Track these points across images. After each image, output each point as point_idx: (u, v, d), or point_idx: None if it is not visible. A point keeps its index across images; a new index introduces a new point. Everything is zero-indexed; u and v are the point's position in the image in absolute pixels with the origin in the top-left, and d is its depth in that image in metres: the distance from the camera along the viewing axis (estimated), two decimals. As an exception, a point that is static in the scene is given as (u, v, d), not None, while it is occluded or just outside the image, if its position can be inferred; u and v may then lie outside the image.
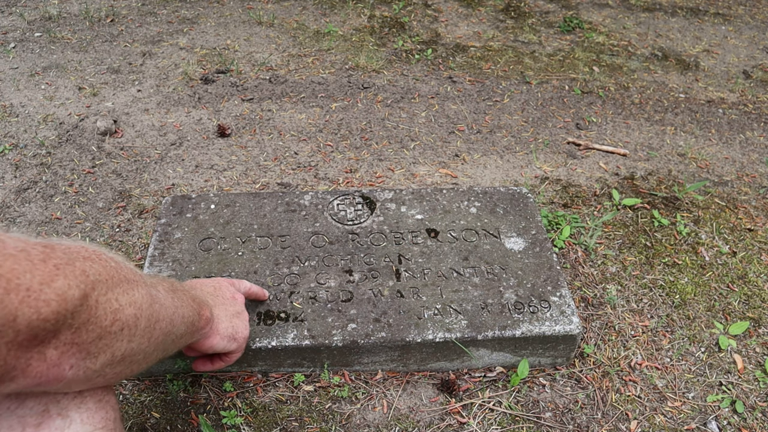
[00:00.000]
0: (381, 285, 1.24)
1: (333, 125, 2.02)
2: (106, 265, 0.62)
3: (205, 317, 0.86)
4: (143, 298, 0.66)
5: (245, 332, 0.99)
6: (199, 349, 0.92)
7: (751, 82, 2.53)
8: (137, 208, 1.61)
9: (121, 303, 0.62)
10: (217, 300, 0.95)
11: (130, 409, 1.13)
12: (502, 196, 1.49)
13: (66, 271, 0.55)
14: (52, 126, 1.90)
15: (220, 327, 0.92)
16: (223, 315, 0.94)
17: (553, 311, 1.21)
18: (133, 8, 2.68)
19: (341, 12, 2.79)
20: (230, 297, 1.00)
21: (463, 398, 1.20)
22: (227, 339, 0.93)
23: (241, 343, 0.98)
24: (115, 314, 0.61)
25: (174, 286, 0.79)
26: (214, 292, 0.97)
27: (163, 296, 0.72)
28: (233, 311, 0.97)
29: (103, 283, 0.60)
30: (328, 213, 1.40)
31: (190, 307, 0.81)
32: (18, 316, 0.50)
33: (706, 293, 1.49)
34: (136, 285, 0.66)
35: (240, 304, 1.01)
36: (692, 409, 1.23)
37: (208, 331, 0.89)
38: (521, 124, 2.11)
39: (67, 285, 0.54)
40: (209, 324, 0.88)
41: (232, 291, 1.02)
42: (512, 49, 2.61)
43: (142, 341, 0.66)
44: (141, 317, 0.65)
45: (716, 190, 1.86)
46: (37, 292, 0.51)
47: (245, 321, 1.00)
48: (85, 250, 0.61)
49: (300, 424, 1.13)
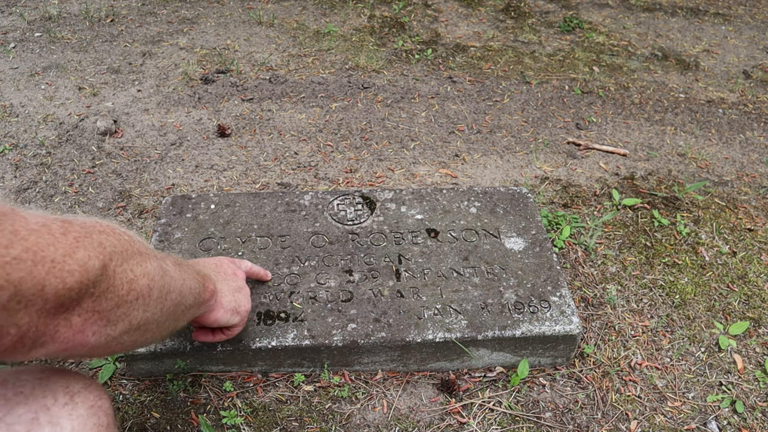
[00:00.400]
0: (381, 285, 1.24)
1: (333, 125, 2.02)
2: (120, 239, 0.65)
3: (209, 290, 0.90)
4: (155, 270, 0.69)
5: (247, 306, 1.01)
6: (204, 323, 0.95)
7: (751, 82, 2.53)
8: (137, 208, 1.61)
9: (136, 274, 0.65)
10: (219, 275, 0.99)
11: (130, 409, 1.13)
12: (502, 196, 1.49)
13: (85, 243, 0.58)
14: (52, 126, 1.90)
15: (224, 300, 0.95)
16: (226, 289, 0.97)
17: (553, 311, 1.21)
18: (133, 8, 2.68)
19: (341, 12, 2.79)
20: (231, 273, 1.03)
21: (463, 398, 1.20)
22: (231, 312, 0.96)
23: (244, 317, 1.01)
24: (131, 284, 0.64)
25: (179, 261, 0.83)
26: (216, 268, 1.01)
27: (171, 269, 0.76)
28: (235, 286, 1.00)
29: (119, 254, 0.63)
30: (328, 213, 1.40)
31: (196, 280, 0.84)
32: (45, 285, 0.53)
33: (706, 293, 1.49)
34: (148, 257, 0.69)
35: (241, 280, 1.04)
36: (692, 409, 1.23)
37: (213, 304, 0.92)
38: (521, 124, 2.11)
39: (87, 256, 0.58)
40: (213, 297, 0.92)
41: (233, 268, 1.05)
42: (512, 49, 2.61)
43: (155, 311, 0.69)
44: (154, 288, 0.68)
45: (716, 190, 1.86)
46: (61, 263, 0.54)
47: (247, 296, 1.02)
48: (100, 225, 0.64)
49: (300, 424, 1.13)
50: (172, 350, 1.12)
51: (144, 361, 1.14)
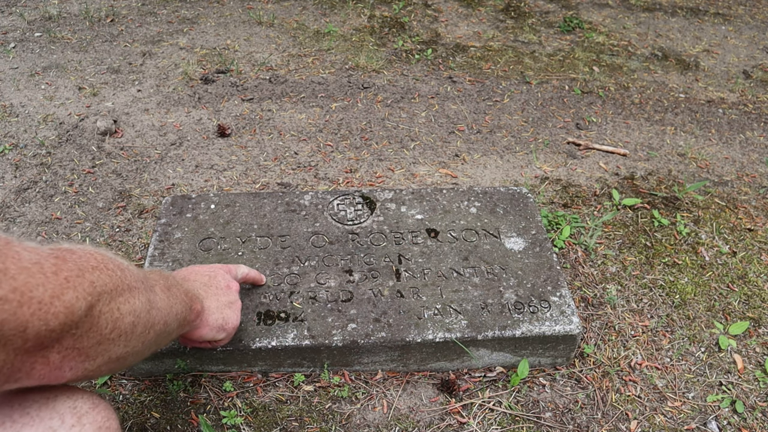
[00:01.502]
0: (381, 285, 1.24)
1: (333, 125, 2.02)
2: (112, 275, 0.64)
3: (195, 311, 0.89)
4: (142, 306, 0.69)
5: (235, 322, 1.01)
6: (189, 338, 0.96)
7: (751, 82, 2.53)
8: (137, 208, 1.61)
9: (122, 312, 0.65)
10: (209, 291, 0.98)
11: (130, 409, 1.13)
12: (502, 196, 1.49)
13: (76, 284, 0.58)
14: (52, 126, 1.90)
15: (210, 318, 0.95)
16: (214, 306, 0.96)
17: (553, 311, 1.21)
18: (133, 8, 2.68)
19: (341, 12, 2.79)
20: (224, 286, 1.01)
21: (463, 398, 1.20)
22: (216, 329, 0.96)
23: (230, 332, 1.01)
24: (115, 323, 0.64)
25: (169, 283, 0.82)
26: (208, 282, 1.00)
27: (159, 298, 0.75)
28: (225, 301, 0.99)
29: (108, 293, 0.63)
30: (328, 213, 1.40)
31: (183, 303, 0.84)
32: (28, 327, 0.53)
33: (706, 293, 1.49)
34: (137, 292, 0.69)
35: (234, 293, 1.03)
36: (692, 409, 1.23)
37: (198, 323, 0.92)
38: (521, 124, 2.11)
39: (76, 297, 0.57)
40: (199, 317, 0.92)
41: (227, 280, 1.03)
42: (512, 49, 2.61)
43: (136, 344, 0.70)
44: (138, 324, 0.68)
45: (716, 190, 1.86)
46: (48, 305, 0.54)
47: (237, 311, 1.01)
48: (94, 259, 0.64)
49: (300, 424, 1.13)
50: (172, 350, 1.12)
51: (144, 361, 1.14)
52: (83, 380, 0.66)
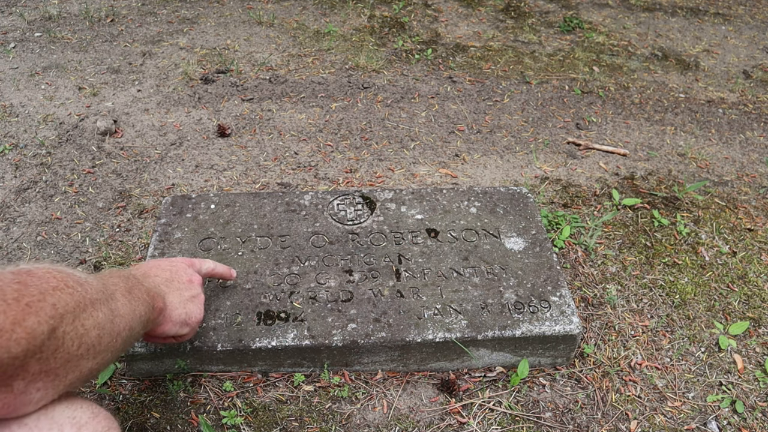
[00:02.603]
0: (381, 285, 1.24)
1: (333, 125, 2.02)
2: (73, 293, 0.64)
3: (158, 308, 0.89)
4: (105, 317, 0.69)
5: (199, 316, 1.00)
6: (152, 335, 0.95)
7: (751, 82, 2.53)
8: (137, 208, 1.61)
9: (86, 327, 0.65)
10: (171, 286, 0.97)
11: (130, 409, 1.13)
12: (502, 196, 1.49)
13: (37, 308, 0.58)
14: (52, 126, 1.90)
15: (173, 314, 0.94)
16: (177, 301, 0.96)
17: (553, 311, 1.21)
18: (133, 8, 2.68)
19: (341, 12, 2.79)
20: (186, 281, 1.00)
21: (463, 398, 1.20)
22: (179, 324, 0.96)
23: (194, 326, 1.00)
24: (81, 339, 0.64)
25: (129, 284, 0.81)
26: (170, 277, 0.98)
27: (121, 305, 0.75)
28: (188, 296, 0.98)
29: (71, 313, 0.63)
30: (328, 213, 1.40)
31: (145, 303, 0.83)
32: None
33: (706, 293, 1.49)
34: (99, 305, 0.68)
35: (196, 286, 1.02)
36: (692, 409, 1.23)
37: (161, 320, 0.92)
38: (521, 124, 2.11)
39: (37, 322, 0.57)
40: (162, 313, 0.91)
41: (189, 273, 1.02)
42: (512, 49, 2.61)
43: (105, 355, 0.70)
44: (104, 335, 0.68)
45: (716, 190, 1.86)
46: (9, 332, 0.54)
47: (200, 304, 1.01)
48: (55, 278, 0.63)
49: (300, 424, 1.13)
50: (172, 350, 1.12)
51: (144, 361, 1.14)
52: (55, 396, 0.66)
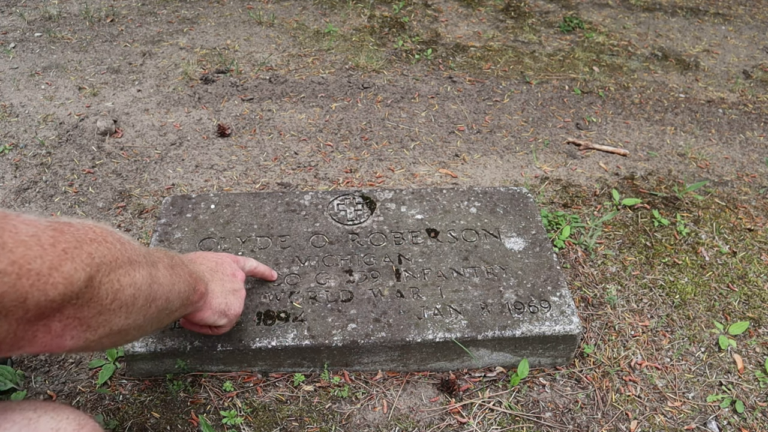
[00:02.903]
0: (381, 285, 1.24)
1: (333, 125, 2.02)
2: (111, 247, 0.65)
3: (199, 292, 0.90)
4: (143, 279, 0.70)
5: (238, 309, 1.01)
6: (191, 320, 0.96)
7: (751, 82, 2.53)
8: (137, 208, 1.61)
9: (122, 284, 0.66)
10: (215, 275, 0.98)
11: (130, 409, 1.13)
12: (502, 196, 1.49)
13: (73, 255, 0.59)
14: (52, 126, 1.90)
15: (214, 302, 0.95)
16: (219, 290, 0.97)
17: (553, 311, 1.21)
18: (133, 8, 2.68)
19: (341, 12, 2.79)
20: (230, 274, 1.02)
21: (463, 398, 1.20)
22: (218, 314, 0.97)
23: (232, 319, 1.01)
24: (116, 294, 0.65)
25: (173, 261, 0.83)
26: (215, 267, 1.00)
27: (162, 274, 0.76)
28: (230, 288, 1.00)
29: (107, 264, 0.64)
30: (328, 213, 1.40)
31: (187, 282, 0.84)
32: (28, 298, 0.54)
33: (706, 293, 1.49)
34: (138, 266, 0.70)
35: (239, 281, 1.03)
36: (692, 409, 1.23)
37: (202, 305, 0.93)
38: (521, 124, 2.11)
39: (74, 269, 0.58)
40: (203, 298, 0.92)
41: (233, 268, 1.04)
42: (512, 49, 2.62)
43: (138, 317, 0.70)
44: (139, 296, 0.69)
45: (716, 190, 1.86)
46: (46, 276, 0.55)
47: (240, 299, 1.02)
48: (93, 231, 0.64)
49: (300, 424, 1.13)
50: (172, 350, 1.12)
51: (144, 361, 1.14)
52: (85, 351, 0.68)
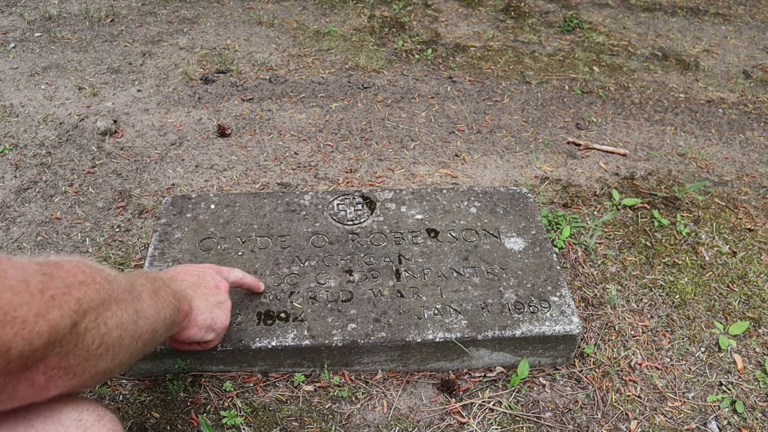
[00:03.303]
0: (381, 285, 1.24)
1: (333, 125, 2.02)
2: (99, 289, 0.64)
3: (184, 311, 0.88)
4: (129, 318, 0.69)
5: (225, 322, 1.00)
6: (177, 340, 0.95)
7: (751, 82, 2.53)
8: (137, 208, 1.61)
9: (109, 326, 0.65)
10: (198, 291, 0.97)
11: (130, 409, 1.13)
12: (502, 196, 1.49)
13: (62, 301, 0.58)
14: (52, 126, 1.90)
15: (199, 318, 0.94)
16: (203, 306, 0.95)
17: (553, 311, 1.21)
18: (133, 8, 2.68)
19: (341, 12, 2.79)
20: (213, 286, 1.00)
21: (463, 398, 1.20)
22: (205, 329, 0.95)
23: (219, 332, 1.00)
24: (102, 338, 0.64)
25: (156, 286, 0.81)
26: (197, 281, 0.98)
27: (147, 305, 0.75)
28: (214, 301, 0.98)
29: (95, 309, 0.62)
30: (328, 213, 1.40)
31: (171, 305, 0.83)
32: (11, 347, 0.52)
33: (706, 293, 1.49)
34: (124, 304, 0.68)
35: (223, 293, 1.01)
36: (692, 409, 1.23)
37: (187, 323, 0.92)
38: (521, 124, 2.11)
39: (60, 316, 0.57)
40: (188, 317, 0.91)
41: (216, 279, 1.02)
42: (512, 49, 2.61)
43: (124, 357, 0.69)
44: (125, 336, 0.68)
45: (716, 190, 1.86)
46: (32, 324, 0.54)
47: (226, 311, 1.00)
48: (83, 273, 0.63)
49: (300, 424, 1.13)
50: (172, 350, 1.12)
51: (144, 361, 1.14)
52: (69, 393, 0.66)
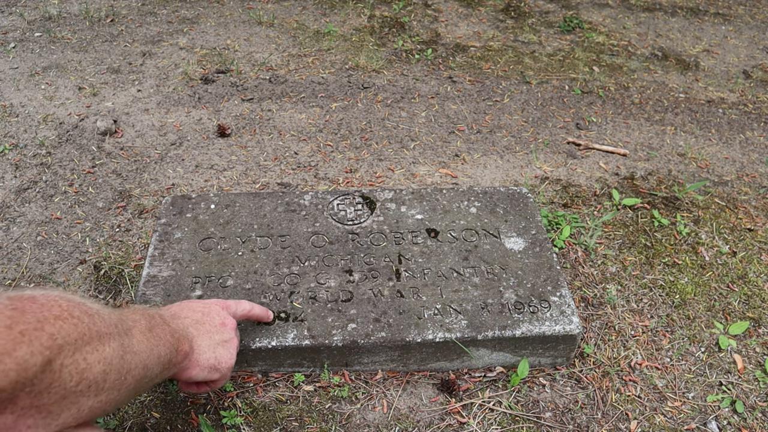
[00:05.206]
0: (381, 285, 1.24)
1: (333, 125, 2.02)
2: (77, 323, 0.61)
3: (183, 352, 0.85)
4: (114, 352, 0.65)
5: (230, 362, 0.95)
6: (179, 379, 0.91)
7: (751, 82, 2.53)
8: (137, 208, 1.61)
9: (89, 362, 0.61)
10: (201, 329, 0.93)
11: (130, 409, 1.13)
12: (502, 196, 1.49)
13: (32, 337, 0.54)
14: (52, 126, 1.90)
15: (201, 358, 0.90)
16: (206, 345, 0.91)
17: (553, 311, 1.21)
18: (133, 8, 2.68)
19: (341, 12, 2.79)
20: (219, 324, 0.96)
21: (463, 398, 1.20)
22: (208, 369, 0.91)
23: (225, 372, 0.95)
24: (82, 374, 0.60)
25: (152, 323, 0.78)
26: (201, 318, 0.94)
27: (137, 341, 0.71)
28: (219, 339, 0.94)
29: (71, 344, 0.59)
30: (328, 213, 1.40)
31: (168, 344, 0.80)
32: None
33: (706, 293, 1.49)
34: (108, 339, 0.65)
35: (229, 331, 0.97)
36: (692, 409, 1.23)
37: (187, 364, 0.88)
38: (521, 124, 2.11)
39: (30, 353, 0.54)
40: (188, 357, 0.87)
41: (222, 317, 0.97)
42: (512, 49, 2.61)
43: (111, 393, 0.66)
44: (110, 371, 0.64)
45: (716, 190, 1.86)
46: None
47: (232, 349, 0.96)
48: (58, 306, 0.60)
49: (300, 424, 1.13)
50: (172, 350, 1.12)
51: (144, 361, 1.14)
52: None
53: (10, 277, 1.39)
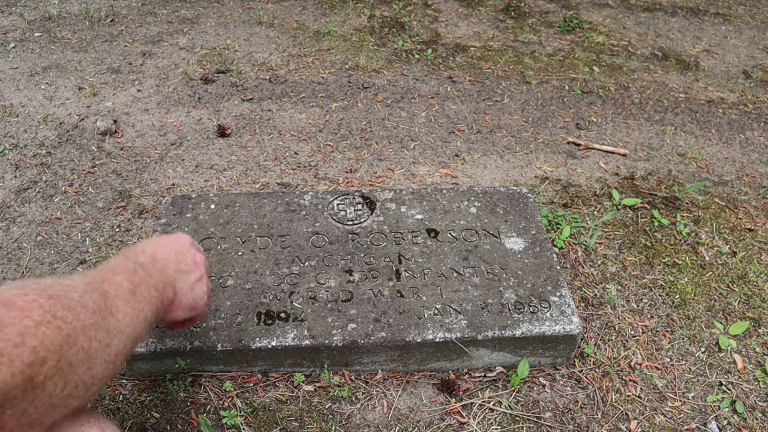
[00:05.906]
0: (381, 285, 1.24)
1: (333, 125, 2.02)
2: (61, 325, 0.58)
3: (168, 299, 0.86)
4: (100, 343, 0.63)
5: (205, 298, 0.97)
6: (164, 321, 0.92)
7: (751, 82, 2.53)
8: (137, 208, 1.61)
9: (74, 364, 0.59)
10: (179, 271, 0.93)
11: (130, 409, 1.13)
12: (502, 196, 1.49)
13: (11, 357, 0.52)
14: (52, 126, 1.90)
15: (183, 300, 0.91)
16: (186, 287, 0.92)
17: (553, 311, 1.21)
18: (133, 8, 2.68)
19: (341, 12, 2.79)
20: (191, 262, 0.96)
21: (463, 398, 1.20)
22: (189, 309, 0.93)
23: (203, 309, 0.97)
24: (67, 378, 0.58)
25: (136, 282, 0.77)
26: (176, 258, 0.93)
27: (122, 317, 0.69)
28: (194, 278, 0.95)
29: (55, 352, 0.57)
30: (328, 213, 1.40)
31: (153, 301, 0.79)
32: None
33: (706, 293, 1.49)
34: (93, 331, 0.62)
35: (201, 267, 0.98)
36: (692, 409, 1.23)
37: (172, 308, 0.89)
38: (521, 124, 2.11)
39: (11, 374, 0.52)
40: (172, 302, 0.88)
41: (192, 253, 0.97)
42: (512, 49, 2.61)
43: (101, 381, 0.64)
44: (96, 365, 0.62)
45: (716, 190, 1.86)
46: None
47: (203, 286, 0.97)
48: (40, 308, 0.57)
49: (300, 424, 1.13)
50: (172, 350, 1.12)
51: (144, 361, 1.14)
52: None
53: (10, 277, 1.39)
